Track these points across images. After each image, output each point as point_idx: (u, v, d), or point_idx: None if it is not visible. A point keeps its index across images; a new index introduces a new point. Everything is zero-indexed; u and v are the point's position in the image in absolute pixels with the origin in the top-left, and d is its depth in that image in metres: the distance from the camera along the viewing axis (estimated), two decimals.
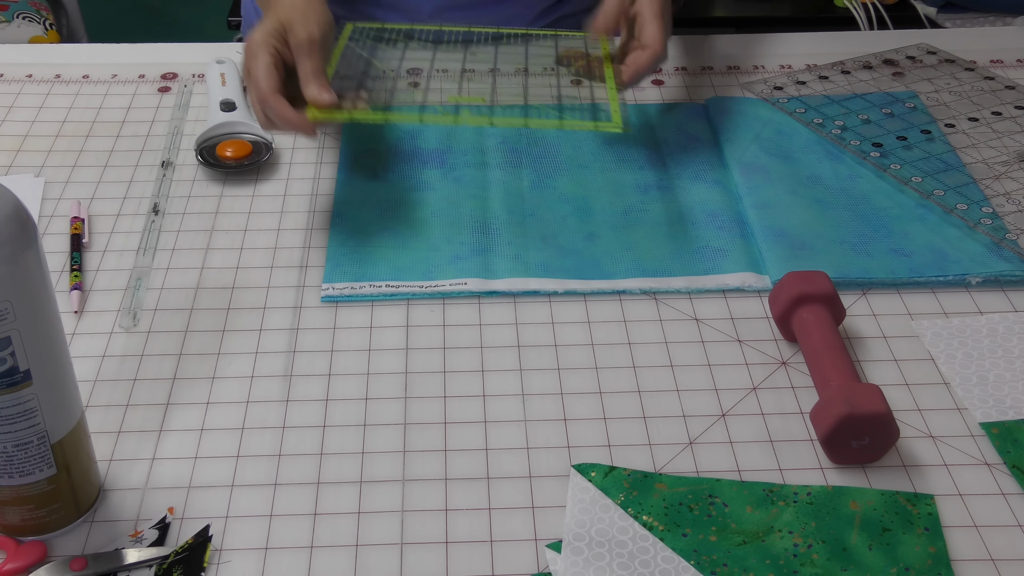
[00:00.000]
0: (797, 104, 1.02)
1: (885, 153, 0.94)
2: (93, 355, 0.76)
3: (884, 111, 1.00)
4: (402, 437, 0.70)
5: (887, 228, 0.86)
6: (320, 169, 0.95)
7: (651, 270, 0.83)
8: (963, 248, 0.84)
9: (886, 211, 0.89)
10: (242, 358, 0.76)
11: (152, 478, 0.67)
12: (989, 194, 0.89)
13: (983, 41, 1.16)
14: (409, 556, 0.63)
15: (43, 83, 1.06)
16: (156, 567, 0.62)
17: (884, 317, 0.80)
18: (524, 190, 0.92)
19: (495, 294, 0.82)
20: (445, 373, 0.75)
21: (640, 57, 0.90)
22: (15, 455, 0.59)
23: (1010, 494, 0.67)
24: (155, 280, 0.83)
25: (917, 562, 0.62)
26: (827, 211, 0.88)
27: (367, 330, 0.78)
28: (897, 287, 0.82)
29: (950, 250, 0.84)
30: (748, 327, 0.79)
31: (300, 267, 0.84)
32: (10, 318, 0.54)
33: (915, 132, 0.97)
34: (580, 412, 0.72)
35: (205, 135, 0.96)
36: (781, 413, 0.72)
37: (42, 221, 0.88)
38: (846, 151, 0.95)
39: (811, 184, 0.91)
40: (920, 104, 1.02)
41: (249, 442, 0.70)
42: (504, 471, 0.68)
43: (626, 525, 0.64)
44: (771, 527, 0.64)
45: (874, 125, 0.98)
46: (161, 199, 0.91)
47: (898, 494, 0.66)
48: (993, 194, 0.89)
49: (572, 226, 0.88)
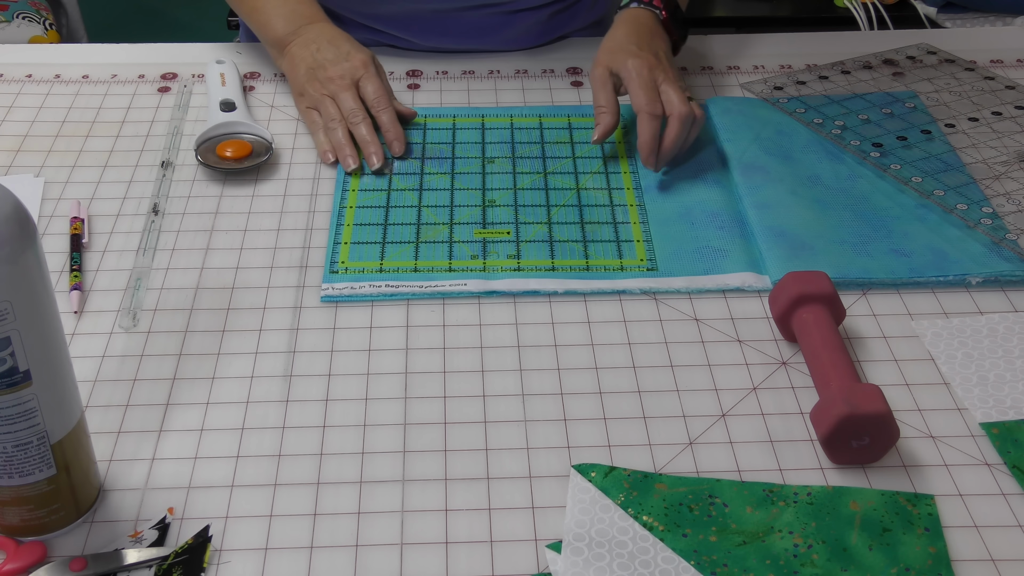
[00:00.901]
0: (797, 104, 1.02)
1: (885, 153, 0.94)
2: (93, 355, 0.76)
3: (884, 111, 1.00)
4: (402, 437, 0.70)
5: (887, 228, 0.86)
6: (320, 169, 0.95)
7: (651, 270, 0.83)
8: (963, 248, 0.84)
9: (886, 211, 0.88)
10: (242, 358, 0.76)
11: (152, 478, 0.67)
12: (989, 194, 0.89)
13: (983, 41, 1.16)
14: (409, 556, 0.63)
15: (43, 83, 1.06)
16: (156, 567, 0.62)
17: (884, 317, 0.80)
18: (525, 190, 0.92)
19: (495, 294, 0.81)
20: (445, 373, 0.75)
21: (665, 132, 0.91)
22: (15, 455, 0.59)
23: (1010, 494, 0.67)
24: (155, 280, 0.83)
25: (917, 562, 0.62)
26: (827, 211, 0.88)
27: (367, 330, 0.78)
28: (897, 287, 0.82)
29: (950, 250, 0.84)
30: (748, 327, 0.79)
31: (300, 267, 0.84)
32: (10, 318, 0.54)
33: (915, 132, 0.97)
34: (580, 412, 0.72)
35: (205, 135, 0.96)
36: (781, 413, 0.72)
37: (42, 221, 0.88)
38: (846, 151, 0.95)
39: (811, 184, 0.91)
40: (920, 104, 1.02)
41: (249, 442, 0.70)
42: (504, 471, 0.68)
43: (626, 525, 0.64)
44: (771, 527, 0.64)
45: (874, 125, 0.98)
46: (161, 199, 0.91)
47: (898, 494, 0.66)
48: (993, 194, 0.89)
49: (572, 226, 0.88)
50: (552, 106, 1.03)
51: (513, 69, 1.09)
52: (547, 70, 1.09)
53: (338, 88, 0.96)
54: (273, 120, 1.01)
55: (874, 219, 0.87)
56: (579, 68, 1.09)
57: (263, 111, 1.02)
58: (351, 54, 0.98)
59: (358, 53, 0.98)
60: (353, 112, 0.95)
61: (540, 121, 1.00)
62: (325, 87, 0.96)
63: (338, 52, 0.98)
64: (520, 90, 1.06)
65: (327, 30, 1.00)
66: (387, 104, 0.96)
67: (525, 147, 0.97)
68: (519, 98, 1.04)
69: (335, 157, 0.95)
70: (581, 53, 1.12)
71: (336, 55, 0.98)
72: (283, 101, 1.04)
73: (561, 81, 1.07)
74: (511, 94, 1.05)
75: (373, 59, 0.99)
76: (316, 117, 0.97)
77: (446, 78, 1.08)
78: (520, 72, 1.09)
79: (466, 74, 1.08)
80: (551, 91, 1.06)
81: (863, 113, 1.00)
